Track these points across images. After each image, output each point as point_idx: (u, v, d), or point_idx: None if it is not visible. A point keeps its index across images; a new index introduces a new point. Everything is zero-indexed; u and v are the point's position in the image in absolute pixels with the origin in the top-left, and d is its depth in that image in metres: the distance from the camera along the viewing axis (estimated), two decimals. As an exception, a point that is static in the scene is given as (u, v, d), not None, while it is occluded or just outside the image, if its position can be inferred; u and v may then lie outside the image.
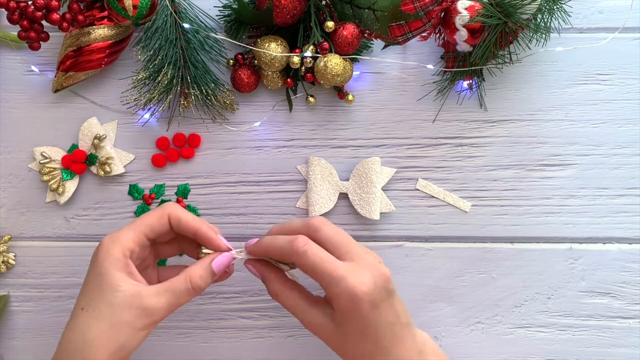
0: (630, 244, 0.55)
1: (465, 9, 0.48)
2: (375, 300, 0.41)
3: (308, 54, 0.50)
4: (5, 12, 0.47)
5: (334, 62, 0.50)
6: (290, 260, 0.44)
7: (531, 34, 0.51)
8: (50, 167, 0.54)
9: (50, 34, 0.49)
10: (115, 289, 0.41)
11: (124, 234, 0.43)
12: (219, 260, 0.44)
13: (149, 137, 0.55)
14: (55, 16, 0.47)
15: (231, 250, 0.45)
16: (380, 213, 0.54)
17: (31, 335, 0.55)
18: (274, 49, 0.50)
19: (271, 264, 0.46)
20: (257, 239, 0.46)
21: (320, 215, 0.54)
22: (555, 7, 0.49)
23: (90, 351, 0.40)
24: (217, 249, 0.45)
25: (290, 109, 0.55)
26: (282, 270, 0.46)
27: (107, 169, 0.53)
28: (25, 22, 0.47)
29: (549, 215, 0.55)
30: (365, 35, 0.51)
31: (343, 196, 0.55)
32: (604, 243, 0.55)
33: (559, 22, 0.51)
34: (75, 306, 0.43)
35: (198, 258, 0.45)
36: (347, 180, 0.54)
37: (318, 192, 0.54)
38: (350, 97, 0.53)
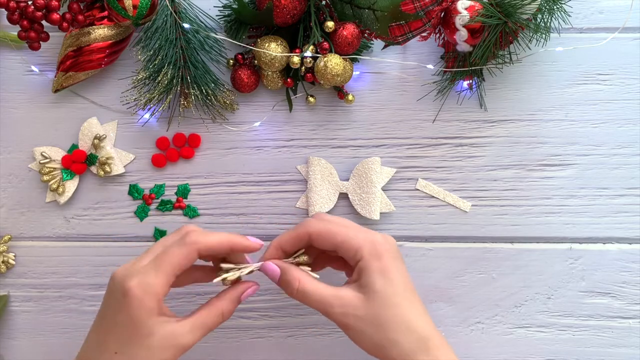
0: (630, 244, 0.55)
1: (465, 9, 0.48)
2: (391, 251, 0.44)
3: (308, 54, 0.50)
4: (5, 12, 0.47)
5: (334, 62, 0.50)
6: (310, 243, 0.45)
7: (531, 34, 0.51)
8: (50, 167, 0.54)
9: (50, 34, 0.49)
10: (151, 333, 0.41)
11: (155, 282, 0.41)
12: (247, 294, 0.45)
13: (149, 137, 0.55)
14: (55, 16, 0.47)
15: (262, 244, 0.46)
16: (380, 213, 0.54)
17: (31, 335, 0.55)
18: (274, 49, 0.50)
19: (287, 262, 0.46)
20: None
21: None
22: (555, 7, 0.49)
23: None
24: (253, 250, 0.45)
25: (290, 109, 0.55)
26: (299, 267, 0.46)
27: (107, 169, 0.53)
28: (25, 22, 0.47)
29: (549, 215, 0.55)
30: (365, 35, 0.51)
31: (343, 196, 0.55)
32: (604, 243, 0.55)
33: (559, 22, 0.51)
34: (103, 348, 0.42)
35: (216, 275, 0.45)
36: (347, 180, 0.54)
37: (318, 192, 0.54)
38: (350, 97, 0.53)
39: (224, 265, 0.45)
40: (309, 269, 0.46)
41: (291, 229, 0.46)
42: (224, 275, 0.44)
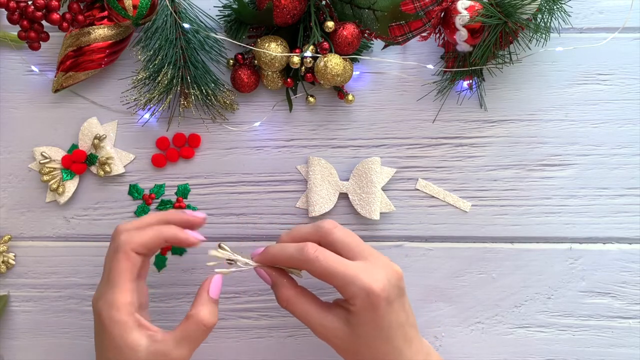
0: (630, 244, 0.55)
1: (465, 9, 0.48)
2: (389, 297, 0.42)
3: (308, 54, 0.50)
4: (5, 12, 0.47)
5: (334, 62, 0.50)
6: (301, 267, 0.44)
7: (531, 34, 0.51)
8: (50, 167, 0.54)
9: (50, 34, 0.49)
10: (136, 350, 0.41)
11: (113, 297, 0.41)
12: (213, 288, 0.44)
13: (149, 137, 0.55)
14: (55, 16, 0.47)
15: (200, 239, 0.45)
16: (380, 213, 0.54)
17: (31, 335, 0.55)
18: (274, 49, 0.50)
19: (282, 270, 0.46)
20: (264, 248, 0.46)
21: (321, 215, 0.54)
22: (555, 7, 0.49)
23: None
24: (189, 245, 0.44)
25: (290, 109, 0.55)
26: (292, 277, 0.46)
27: (107, 169, 0.53)
28: (25, 22, 0.47)
29: (549, 215, 0.55)
30: (365, 35, 0.51)
31: (343, 196, 0.55)
32: (604, 243, 0.55)
33: (559, 22, 0.51)
34: None
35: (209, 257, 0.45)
36: (347, 180, 0.54)
37: (318, 192, 0.54)
38: (350, 97, 0.53)
39: (214, 253, 0.45)
40: (300, 274, 0.46)
41: (309, 230, 0.45)
42: (212, 263, 0.45)
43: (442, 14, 0.50)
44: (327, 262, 0.42)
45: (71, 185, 0.54)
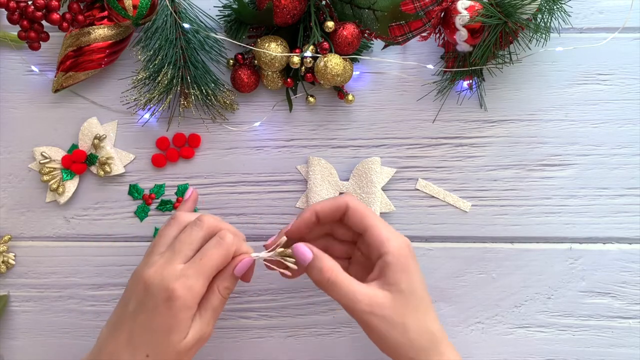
0: (630, 244, 0.55)
1: (465, 9, 0.48)
2: (412, 251, 0.45)
3: (308, 54, 0.50)
4: (5, 12, 0.47)
5: (334, 62, 0.50)
6: (342, 218, 0.46)
7: (531, 34, 0.51)
8: (50, 167, 0.54)
9: (50, 34, 0.49)
10: (184, 335, 0.41)
11: (197, 284, 0.41)
12: (240, 267, 0.44)
13: (149, 137, 0.55)
14: (55, 16, 0.47)
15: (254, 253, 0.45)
16: (380, 213, 0.54)
17: (31, 335, 0.55)
18: (274, 49, 0.50)
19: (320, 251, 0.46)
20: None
21: None
22: (555, 7, 0.49)
23: None
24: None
25: (290, 109, 0.55)
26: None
27: (107, 169, 0.53)
28: (25, 22, 0.47)
29: (549, 215, 0.55)
30: (365, 35, 0.51)
31: None
32: (604, 243, 0.55)
33: (559, 22, 0.51)
34: (133, 349, 0.42)
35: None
36: (347, 180, 0.54)
37: (318, 192, 0.54)
38: (350, 97, 0.53)
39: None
40: (293, 260, 0.45)
41: (329, 198, 0.46)
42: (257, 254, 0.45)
43: (442, 14, 0.50)
44: (367, 210, 0.45)
45: (71, 185, 0.54)
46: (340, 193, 0.54)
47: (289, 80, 0.53)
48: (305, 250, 0.44)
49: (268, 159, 0.55)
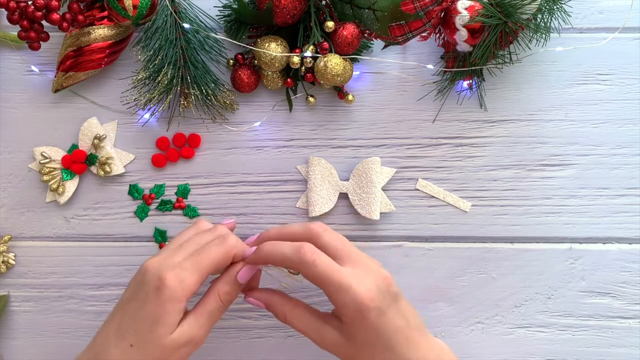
0: (630, 244, 0.55)
1: (465, 9, 0.48)
2: (381, 307, 0.41)
3: (308, 54, 0.50)
4: (5, 12, 0.47)
5: (334, 62, 0.50)
6: (295, 268, 0.43)
7: (531, 34, 0.51)
8: (50, 167, 0.54)
9: (50, 34, 0.49)
10: (170, 330, 0.41)
11: (191, 278, 0.41)
12: (243, 274, 0.44)
13: (149, 137, 0.55)
14: (55, 16, 0.47)
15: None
16: (380, 213, 0.54)
17: (31, 335, 0.55)
18: (274, 49, 0.50)
19: (271, 291, 0.46)
20: (257, 236, 0.46)
21: (321, 215, 0.54)
22: (555, 7, 0.49)
23: None
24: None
25: (290, 109, 0.55)
26: (284, 293, 0.46)
27: (107, 169, 0.53)
28: (25, 22, 0.47)
29: (549, 215, 0.55)
30: (365, 35, 0.51)
31: (343, 196, 0.55)
32: (604, 243, 0.55)
33: (559, 22, 0.51)
34: (120, 338, 0.41)
35: None
36: (347, 180, 0.54)
37: (318, 192, 0.54)
38: (350, 97, 0.53)
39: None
40: (295, 273, 0.46)
41: (300, 230, 0.45)
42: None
43: (442, 14, 0.50)
44: (324, 267, 0.41)
45: (71, 185, 0.54)
46: (341, 193, 0.54)
47: (289, 80, 0.53)
48: (256, 302, 0.46)
49: (268, 159, 0.55)
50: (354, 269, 0.42)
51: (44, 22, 0.48)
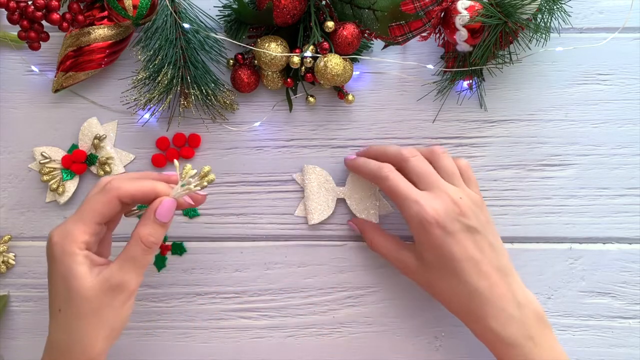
0: (630, 244, 0.55)
1: (465, 9, 0.48)
2: (447, 227, 0.45)
3: (308, 54, 0.50)
4: (5, 12, 0.47)
5: (334, 62, 0.50)
6: (374, 181, 0.50)
7: (531, 34, 0.51)
8: (50, 167, 0.54)
9: (50, 34, 0.49)
10: (83, 281, 0.40)
11: (74, 229, 0.41)
12: (161, 210, 0.42)
13: (149, 137, 0.55)
14: (55, 16, 0.47)
15: (176, 184, 0.43)
16: (379, 215, 0.54)
17: (31, 335, 0.55)
18: (274, 49, 0.50)
19: (365, 220, 0.54)
20: (355, 156, 0.53)
21: (319, 222, 0.54)
22: (555, 7, 0.49)
23: (82, 345, 0.41)
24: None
25: (290, 109, 0.55)
26: (376, 224, 0.53)
27: (107, 169, 0.53)
28: (25, 22, 0.47)
29: (549, 215, 0.55)
30: (365, 35, 0.51)
31: (341, 201, 0.55)
32: (604, 243, 0.55)
33: (559, 22, 0.51)
34: (51, 309, 0.43)
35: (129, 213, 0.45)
36: (344, 185, 0.54)
37: (316, 200, 0.54)
38: (350, 97, 0.53)
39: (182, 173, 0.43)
40: (195, 185, 0.42)
41: (393, 152, 0.50)
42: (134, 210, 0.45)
43: (442, 14, 0.50)
44: (395, 183, 0.47)
45: (71, 185, 0.54)
46: (338, 199, 0.54)
47: (289, 80, 0.53)
48: (353, 226, 0.54)
49: (268, 159, 0.55)
50: (428, 192, 0.47)
51: (44, 22, 0.48)
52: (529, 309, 0.46)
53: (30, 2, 0.47)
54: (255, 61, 0.52)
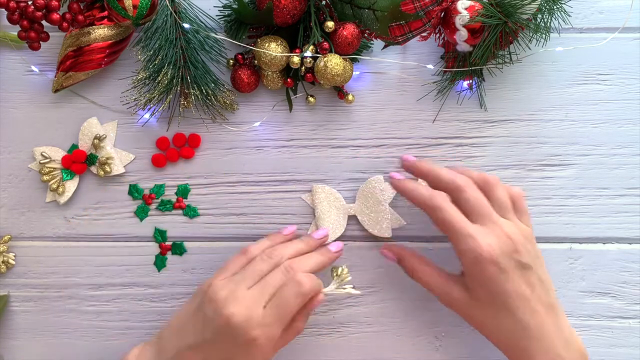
0: (630, 244, 0.55)
1: (465, 9, 0.48)
2: (500, 264, 0.44)
3: (308, 54, 0.50)
4: (5, 12, 0.47)
5: (334, 62, 0.50)
6: (425, 210, 0.47)
7: (531, 34, 0.51)
8: (50, 167, 0.54)
9: (50, 34, 0.49)
10: None
11: (277, 333, 0.44)
12: (314, 306, 0.47)
13: (149, 137, 0.55)
14: (55, 16, 0.47)
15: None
16: (392, 229, 0.54)
17: (31, 335, 0.55)
18: (274, 49, 0.50)
19: (402, 247, 0.51)
20: (402, 176, 0.50)
21: (333, 240, 0.54)
22: (555, 7, 0.49)
23: None
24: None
25: (290, 109, 0.55)
26: (414, 250, 0.50)
27: (107, 169, 0.53)
28: (25, 22, 0.47)
29: (549, 215, 0.55)
30: (365, 35, 0.51)
31: (352, 218, 0.54)
32: (604, 243, 0.55)
33: (559, 22, 0.51)
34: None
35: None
36: (354, 202, 0.54)
37: (327, 220, 0.54)
38: (350, 97, 0.53)
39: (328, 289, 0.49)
40: (351, 286, 0.49)
41: (446, 179, 0.47)
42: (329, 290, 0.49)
43: (442, 14, 0.50)
44: (449, 215, 0.45)
45: (71, 185, 0.54)
46: (349, 216, 0.54)
47: (289, 80, 0.53)
48: (390, 255, 0.51)
49: (268, 159, 0.55)
50: (482, 227, 0.45)
51: (44, 22, 0.48)
52: (574, 349, 0.45)
53: (30, 2, 0.47)
54: (255, 61, 0.52)
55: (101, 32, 0.51)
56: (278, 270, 0.46)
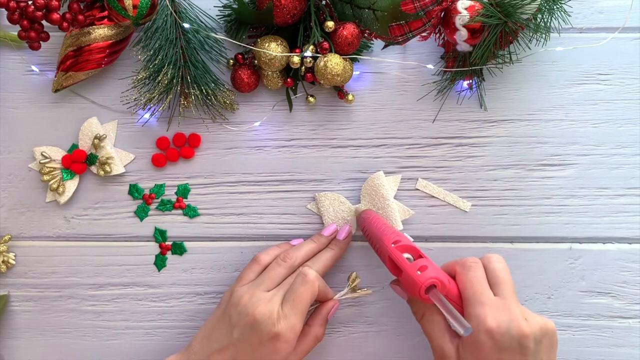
0: (630, 244, 0.55)
1: (465, 9, 0.48)
2: (500, 343, 0.42)
3: (308, 54, 0.50)
4: (6, 12, 0.47)
5: (334, 62, 0.50)
6: (454, 268, 0.48)
7: (531, 34, 0.51)
8: (50, 167, 0.54)
9: (50, 34, 0.49)
10: None
11: (298, 323, 0.46)
12: (332, 312, 0.51)
13: (149, 137, 0.55)
14: (55, 16, 0.47)
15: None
16: (402, 221, 0.54)
17: (31, 335, 0.55)
18: (274, 49, 0.50)
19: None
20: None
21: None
22: (555, 7, 0.49)
23: None
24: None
25: (290, 109, 0.55)
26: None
27: (107, 168, 0.53)
28: (25, 22, 0.47)
29: (549, 215, 0.55)
30: (365, 35, 0.51)
31: None
32: (604, 243, 0.55)
33: (559, 22, 0.51)
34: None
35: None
36: (359, 202, 0.54)
37: (336, 224, 0.54)
38: (350, 97, 0.53)
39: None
40: (368, 291, 0.51)
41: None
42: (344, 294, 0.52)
43: (442, 14, 0.50)
44: (474, 278, 0.45)
45: (71, 185, 0.54)
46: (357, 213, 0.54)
47: (289, 80, 0.53)
48: (401, 292, 0.50)
49: (268, 159, 0.55)
50: (501, 300, 0.44)
51: (44, 22, 0.48)
52: None
53: (30, 2, 0.47)
54: (255, 61, 0.52)
55: (101, 32, 0.51)
56: (294, 274, 0.49)
